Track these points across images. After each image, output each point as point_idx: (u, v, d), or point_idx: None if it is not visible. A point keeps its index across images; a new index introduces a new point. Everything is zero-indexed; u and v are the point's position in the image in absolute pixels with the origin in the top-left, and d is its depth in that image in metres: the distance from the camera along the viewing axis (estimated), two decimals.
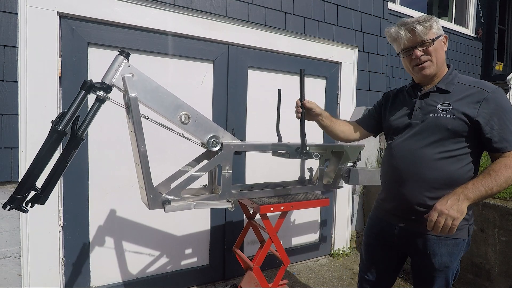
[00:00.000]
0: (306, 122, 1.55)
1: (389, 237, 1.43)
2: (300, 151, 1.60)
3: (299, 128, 1.56)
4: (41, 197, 1.20)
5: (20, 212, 1.87)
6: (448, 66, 1.36)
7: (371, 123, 1.63)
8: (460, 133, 1.22)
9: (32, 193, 1.20)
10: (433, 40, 1.26)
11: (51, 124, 1.18)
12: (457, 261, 1.32)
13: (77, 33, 2.05)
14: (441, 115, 1.24)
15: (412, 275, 1.48)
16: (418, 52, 1.28)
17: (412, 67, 1.34)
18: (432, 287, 1.33)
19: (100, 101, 1.26)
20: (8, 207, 1.15)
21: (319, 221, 3.21)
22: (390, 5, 4.36)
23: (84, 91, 1.22)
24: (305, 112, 1.51)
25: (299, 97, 1.51)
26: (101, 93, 1.25)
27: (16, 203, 1.15)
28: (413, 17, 1.33)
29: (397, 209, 1.38)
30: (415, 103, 1.35)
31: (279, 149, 1.79)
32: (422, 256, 1.33)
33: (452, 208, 1.09)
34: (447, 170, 1.24)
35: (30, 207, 1.20)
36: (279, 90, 1.98)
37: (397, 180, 1.35)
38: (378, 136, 1.77)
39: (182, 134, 1.53)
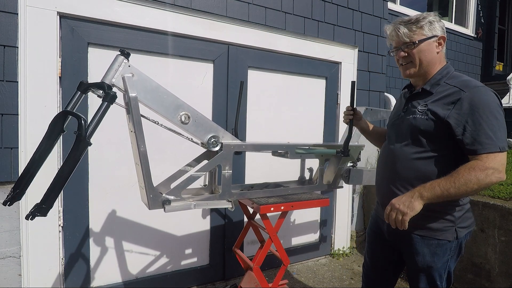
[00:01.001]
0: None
1: (383, 234, 1.47)
2: (343, 150, 1.85)
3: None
4: (43, 208, 1.18)
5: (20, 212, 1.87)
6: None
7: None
8: (432, 133, 1.22)
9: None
10: (414, 43, 1.28)
11: (78, 135, 1.16)
12: (442, 263, 1.30)
13: (77, 33, 2.05)
14: (418, 116, 1.27)
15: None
16: (401, 53, 1.34)
17: (399, 66, 1.41)
18: (418, 286, 1.34)
19: (110, 100, 1.27)
20: (31, 216, 1.16)
21: (319, 221, 3.21)
22: (390, 5, 4.36)
23: (107, 103, 1.24)
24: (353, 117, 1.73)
25: (349, 104, 1.74)
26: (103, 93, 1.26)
27: (42, 212, 1.18)
28: (419, 15, 1.33)
29: (385, 206, 1.39)
30: (404, 104, 1.41)
31: (279, 149, 1.79)
32: (408, 254, 1.36)
33: (404, 204, 1.15)
34: (423, 170, 1.25)
35: (31, 219, 1.19)
36: (241, 83, 1.99)
37: (384, 178, 1.42)
38: None
39: (192, 139, 1.53)
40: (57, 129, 1.21)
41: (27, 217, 1.17)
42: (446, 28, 1.36)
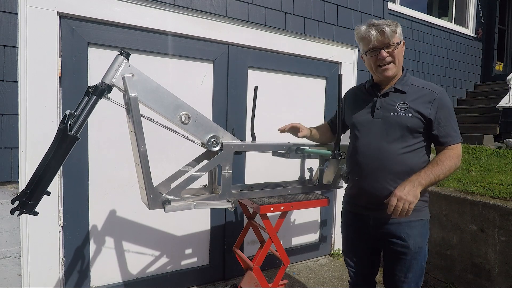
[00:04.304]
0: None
1: (365, 229, 1.52)
2: (335, 153, 1.64)
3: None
4: (29, 204, 1.13)
5: None
6: (402, 69, 1.48)
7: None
8: (417, 129, 1.38)
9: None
10: (398, 43, 1.38)
11: (62, 129, 1.14)
12: (426, 241, 1.46)
13: (77, 33, 2.05)
14: (401, 114, 1.38)
15: (383, 269, 1.54)
16: (384, 53, 1.39)
17: (375, 67, 1.43)
18: (410, 272, 1.42)
19: (99, 94, 1.25)
20: (18, 211, 1.13)
21: (319, 221, 3.21)
22: (390, 5, 4.36)
23: (95, 97, 1.23)
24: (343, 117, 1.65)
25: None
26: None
27: (28, 209, 1.14)
28: (388, 20, 1.43)
29: (370, 203, 1.46)
30: (376, 102, 1.46)
31: (279, 149, 1.79)
32: (397, 241, 1.42)
33: (409, 194, 1.28)
34: (409, 162, 1.39)
35: (18, 215, 1.15)
36: (256, 88, 2.00)
37: (366, 175, 1.45)
38: None
39: (187, 137, 1.53)
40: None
41: (12, 212, 1.13)
42: (446, 28, 1.44)
